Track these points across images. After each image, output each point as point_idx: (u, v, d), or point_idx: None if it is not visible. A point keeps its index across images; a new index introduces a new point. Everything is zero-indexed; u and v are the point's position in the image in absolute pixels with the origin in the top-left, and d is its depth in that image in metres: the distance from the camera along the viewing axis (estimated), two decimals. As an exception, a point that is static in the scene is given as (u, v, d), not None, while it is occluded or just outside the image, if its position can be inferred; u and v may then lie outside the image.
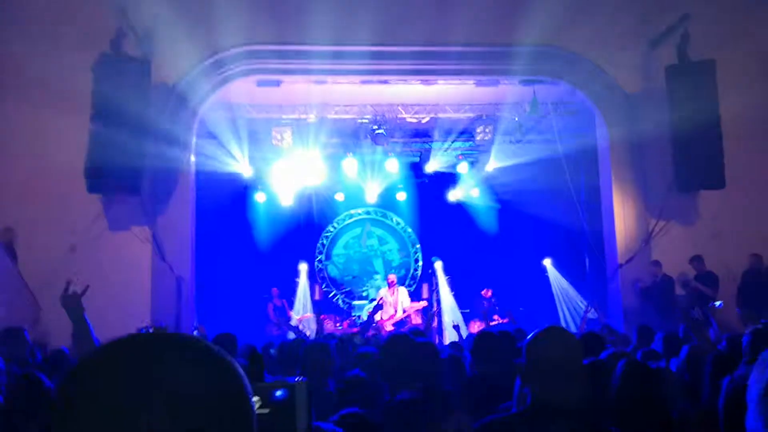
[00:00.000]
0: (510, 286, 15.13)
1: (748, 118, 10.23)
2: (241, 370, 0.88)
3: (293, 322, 12.75)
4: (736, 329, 6.77)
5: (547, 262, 14.70)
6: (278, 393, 1.28)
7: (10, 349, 4.88)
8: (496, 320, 12.84)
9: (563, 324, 13.11)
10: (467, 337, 8.55)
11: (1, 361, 4.16)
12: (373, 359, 4.27)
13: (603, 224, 11.20)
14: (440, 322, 13.71)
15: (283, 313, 12.97)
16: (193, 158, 10.45)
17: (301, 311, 14.39)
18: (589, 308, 10.31)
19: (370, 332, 9.15)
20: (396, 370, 3.75)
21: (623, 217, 10.67)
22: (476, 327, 12.81)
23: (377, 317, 12.80)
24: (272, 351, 5.68)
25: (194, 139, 10.51)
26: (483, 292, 13.59)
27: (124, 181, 9.18)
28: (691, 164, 9.91)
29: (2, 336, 5.46)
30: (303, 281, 15.00)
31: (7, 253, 8.67)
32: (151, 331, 6.69)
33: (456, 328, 9.09)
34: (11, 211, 9.23)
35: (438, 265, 13.89)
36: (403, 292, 13.32)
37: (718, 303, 8.79)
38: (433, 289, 14.18)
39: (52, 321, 8.23)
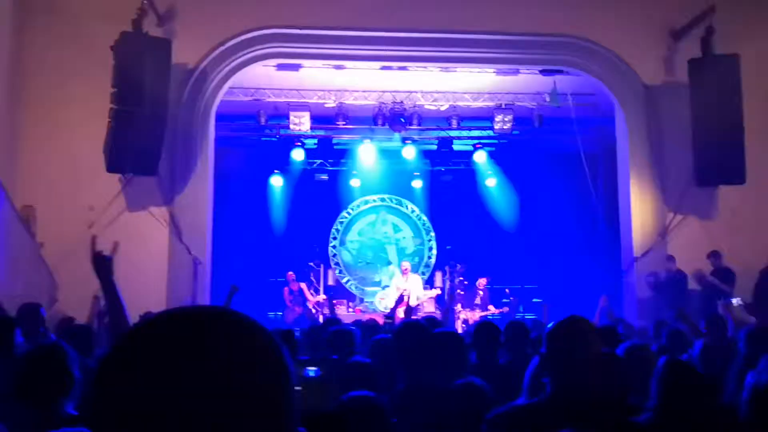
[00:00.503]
0: (524, 277, 15.13)
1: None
2: (284, 347, 0.89)
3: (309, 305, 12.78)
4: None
5: None
6: (311, 371, 1.28)
7: (26, 327, 4.92)
8: (491, 310, 12.81)
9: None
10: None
11: (19, 333, 4.20)
12: (388, 345, 4.28)
13: (620, 217, 11.14)
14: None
15: (301, 297, 13.00)
16: (211, 140, 10.47)
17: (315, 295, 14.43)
18: (605, 299, 10.26)
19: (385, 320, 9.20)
20: (411, 357, 3.76)
21: (640, 210, 10.61)
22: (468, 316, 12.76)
23: (389, 304, 12.83)
24: (296, 334, 5.72)
25: (213, 121, 10.52)
26: (478, 282, 13.47)
27: (143, 161, 9.22)
28: (711, 159, 9.83)
29: (20, 312, 5.52)
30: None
31: (26, 231, 8.73)
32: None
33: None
34: (31, 189, 9.30)
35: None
36: (416, 280, 13.30)
37: (735, 300, 8.72)
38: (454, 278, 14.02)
39: (69, 298, 8.33)
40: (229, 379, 0.77)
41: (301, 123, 12.64)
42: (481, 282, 13.32)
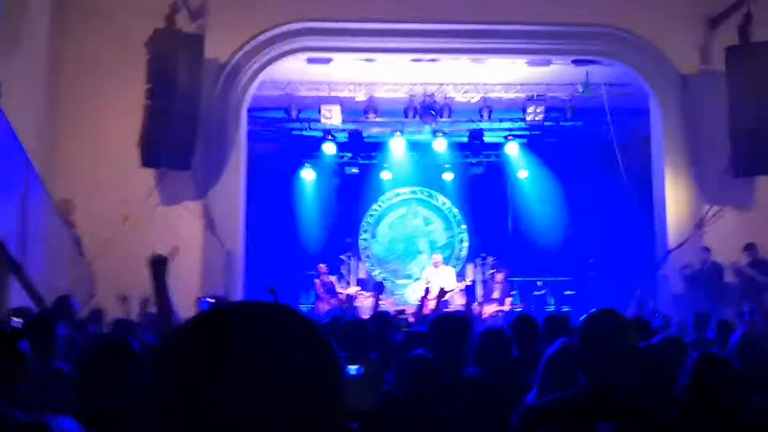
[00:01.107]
0: (556, 269, 15.02)
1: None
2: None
3: (342, 297, 12.81)
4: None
5: None
6: (352, 370, 1.30)
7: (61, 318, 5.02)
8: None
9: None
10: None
11: (62, 326, 4.28)
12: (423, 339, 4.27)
13: (654, 208, 10.99)
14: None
15: (332, 290, 13.05)
16: (244, 134, 10.55)
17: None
18: (638, 292, 10.17)
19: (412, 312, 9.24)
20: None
21: (675, 202, 10.47)
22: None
23: (419, 297, 12.82)
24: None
25: (245, 115, 10.61)
26: (496, 276, 13.17)
27: (176, 156, 9.34)
28: (748, 149, 9.64)
29: (55, 304, 5.65)
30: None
31: (65, 224, 8.89)
32: (212, 302, 6.84)
33: None
34: (69, 184, 9.46)
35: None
36: (448, 272, 13.25)
37: None
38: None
39: (106, 292, 8.47)
40: (292, 373, 0.79)
41: (331, 116, 12.66)
42: (499, 276, 13.13)
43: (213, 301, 8.31)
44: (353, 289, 13.46)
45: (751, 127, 9.54)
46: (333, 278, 13.51)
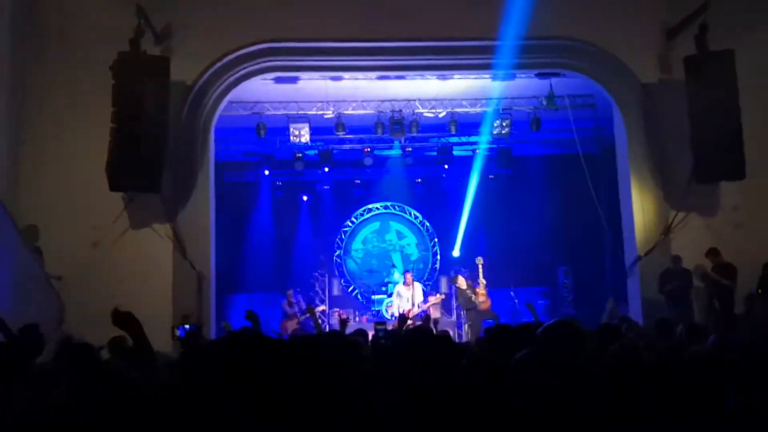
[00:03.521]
0: (530, 279, 15.15)
1: (766, 107, 10.20)
2: None
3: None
4: None
5: None
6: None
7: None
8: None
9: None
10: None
11: None
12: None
13: (622, 217, 11.14)
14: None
15: (300, 310, 13.03)
16: (212, 155, 10.53)
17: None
18: (611, 301, 10.29)
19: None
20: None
21: (642, 210, 10.60)
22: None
23: (395, 311, 12.89)
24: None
25: (213, 136, 10.59)
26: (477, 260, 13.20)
27: (144, 179, 9.28)
28: (710, 155, 9.83)
29: (21, 333, 5.58)
30: None
31: (32, 252, 8.78)
32: (189, 329, 6.82)
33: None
34: (35, 211, 9.36)
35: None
36: (418, 288, 13.35)
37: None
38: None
39: (76, 318, 8.37)
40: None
41: (301, 134, 12.72)
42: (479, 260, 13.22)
43: (189, 328, 8.27)
44: (322, 308, 13.43)
45: (712, 134, 9.73)
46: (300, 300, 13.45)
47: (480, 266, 12.76)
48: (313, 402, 0.90)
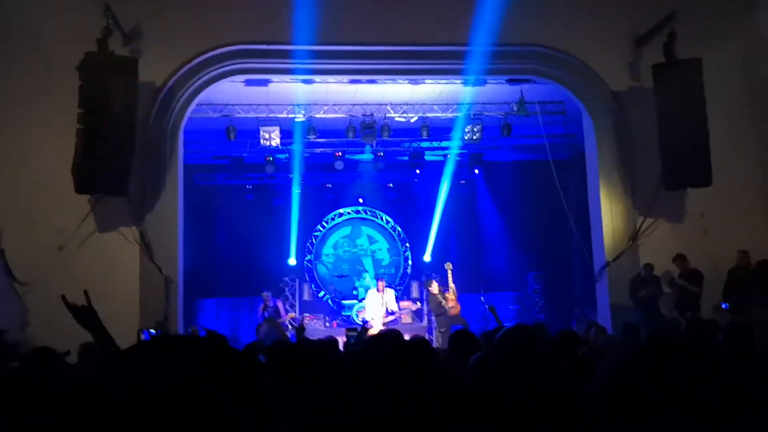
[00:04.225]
0: (500, 284, 15.21)
1: (733, 115, 10.35)
2: None
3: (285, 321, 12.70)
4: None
5: None
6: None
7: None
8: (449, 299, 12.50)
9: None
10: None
11: None
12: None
13: (591, 223, 11.22)
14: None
15: (277, 314, 12.92)
16: (180, 158, 10.40)
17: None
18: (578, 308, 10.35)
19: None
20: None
21: (611, 216, 10.69)
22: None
23: (366, 316, 12.86)
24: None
25: (182, 138, 10.47)
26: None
27: (112, 181, 9.14)
28: (678, 162, 9.95)
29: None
30: None
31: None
32: (154, 333, 6.70)
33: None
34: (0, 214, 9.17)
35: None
36: (389, 294, 13.34)
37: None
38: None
39: (40, 322, 8.21)
40: None
41: (271, 138, 12.62)
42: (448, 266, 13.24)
43: (155, 332, 8.15)
44: (290, 315, 13.32)
45: (680, 141, 9.85)
46: (279, 303, 13.35)
47: (449, 271, 12.78)
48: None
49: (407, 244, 16.41)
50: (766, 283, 9.30)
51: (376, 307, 12.87)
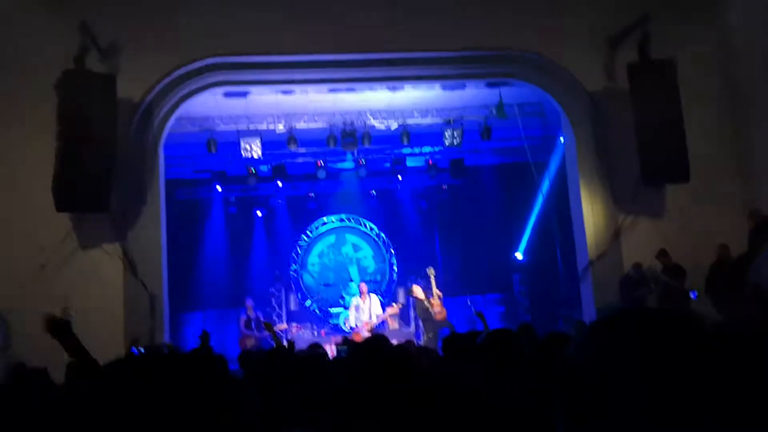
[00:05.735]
0: (484, 286, 15.26)
1: (709, 113, 10.49)
2: None
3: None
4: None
5: None
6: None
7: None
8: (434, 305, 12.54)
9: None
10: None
11: None
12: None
13: (572, 223, 11.30)
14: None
15: (259, 325, 12.90)
16: (161, 172, 10.38)
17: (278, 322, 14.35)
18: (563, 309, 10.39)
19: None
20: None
21: (592, 215, 10.77)
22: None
23: (353, 324, 12.87)
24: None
25: (162, 153, 10.45)
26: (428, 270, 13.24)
27: (92, 198, 9.11)
28: (655, 159, 10.05)
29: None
30: None
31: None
32: (141, 350, 6.66)
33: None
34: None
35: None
36: (374, 300, 13.35)
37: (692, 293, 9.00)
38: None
39: (22, 343, 8.15)
40: None
41: (252, 149, 12.61)
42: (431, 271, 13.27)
43: (142, 350, 8.11)
44: (281, 326, 13.30)
45: (656, 139, 9.97)
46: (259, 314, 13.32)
47: (432, 276, 12.80)
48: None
49: (392, 251, 16.44)
50: (746, 276, 9.39)
51: (362, 314, 12.88)
